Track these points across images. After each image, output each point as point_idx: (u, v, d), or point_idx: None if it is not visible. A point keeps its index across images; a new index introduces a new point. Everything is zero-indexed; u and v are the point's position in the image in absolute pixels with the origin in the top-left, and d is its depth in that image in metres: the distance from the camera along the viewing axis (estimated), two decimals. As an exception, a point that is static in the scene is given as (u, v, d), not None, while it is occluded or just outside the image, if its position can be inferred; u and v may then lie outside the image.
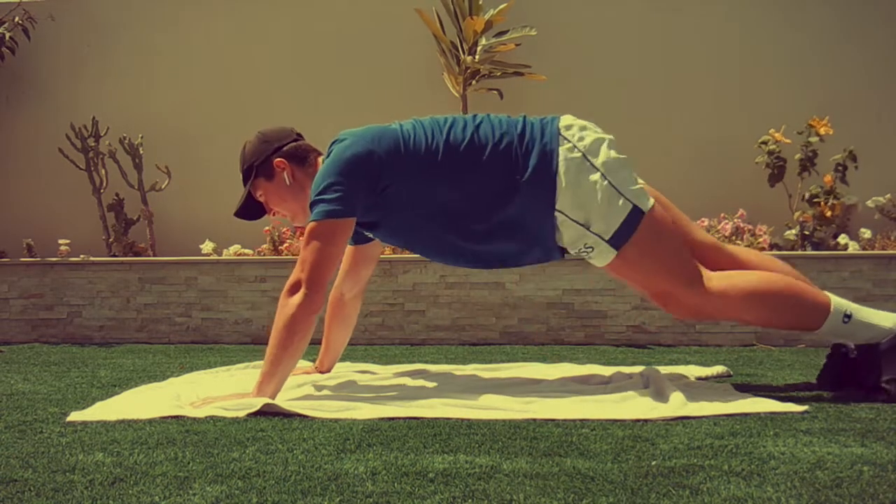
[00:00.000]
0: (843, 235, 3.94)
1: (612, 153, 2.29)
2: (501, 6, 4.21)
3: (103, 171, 4.59)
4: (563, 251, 2.34)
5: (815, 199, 4.02)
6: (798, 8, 4.38)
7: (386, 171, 2.23)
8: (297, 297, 2.16)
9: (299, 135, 2.48)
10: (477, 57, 4.20)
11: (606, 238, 2.23)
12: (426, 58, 4.50)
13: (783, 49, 4.39)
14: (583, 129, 2.31)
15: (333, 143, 2.33)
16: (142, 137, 4.60)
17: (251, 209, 2.50)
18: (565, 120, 2.32)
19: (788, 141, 4.10)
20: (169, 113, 4.79)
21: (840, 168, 4.04)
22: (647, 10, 4.49)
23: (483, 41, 4.24)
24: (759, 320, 2.29)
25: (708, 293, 2.23)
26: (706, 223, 4.03)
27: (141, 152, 4.57)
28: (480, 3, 4.22)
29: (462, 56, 4.23)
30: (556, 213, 2.23)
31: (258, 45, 4.77)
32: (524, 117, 2.34)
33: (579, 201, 2.21)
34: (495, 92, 4.34)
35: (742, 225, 4.01)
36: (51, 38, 4.86)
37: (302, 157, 2.43)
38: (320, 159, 2.43)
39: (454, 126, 2.29)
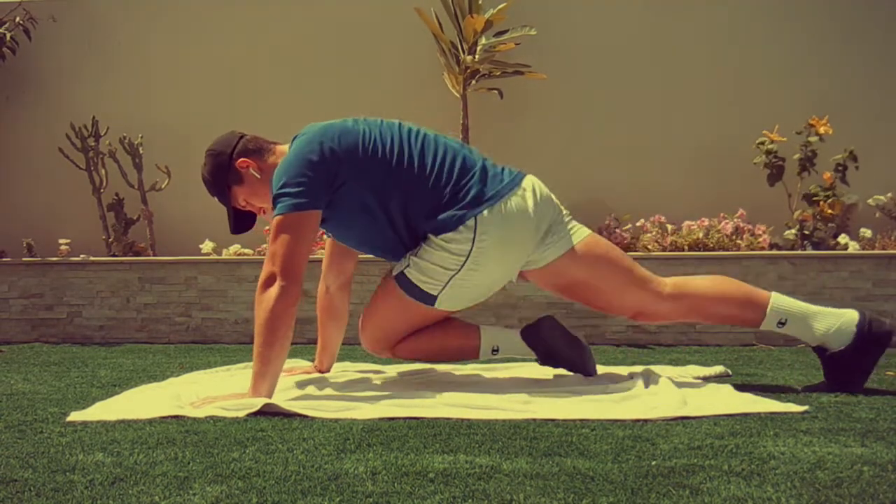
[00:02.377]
0: (843, 235, 3.94)
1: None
2: (501, 6, 4.21)
3: (103, 171, 4.59)
4: None
5: (815, 199, 4.02)
6: (798, 8, 4.38)
7: (343, 169, 2.26)
8: (274, 290, 2.15)
9: (241, 133, 2.48)
10: (477, 56, 4.20)
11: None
12: (426, 58, 4.50)
13: (783, 49, 4.39)
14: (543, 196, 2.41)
15: (296, 137, 2.35)
16: (142, 137, 4.60)
17: (242, 220, 2.51)
18: (527, 181, 2.40)
19: (784, 139, 4.10)
20: (169, 113, 4.79)
21: (840, 167, 4.04)
22: (647, 9, 4.49)
23: (483, 41, 4.24)
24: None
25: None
26: (706, 223, 4.03)
27: (141, 152, 4.57)
28: (480, 2, 4.22)
29: (462, 56, 4.23)
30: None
31: (258, 44, 4.77)
32: (492, 164, 2.42)
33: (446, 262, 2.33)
34: (495, 91, 4.34)
35: (742, 225, 4.01)
36: (51, 38, 4.86)
37: (257, 149, 2.43)
38: (278, 147, 2.44)
39: (414, 138, 2.35)
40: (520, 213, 2.32)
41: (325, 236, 2.62)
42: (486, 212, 2.29)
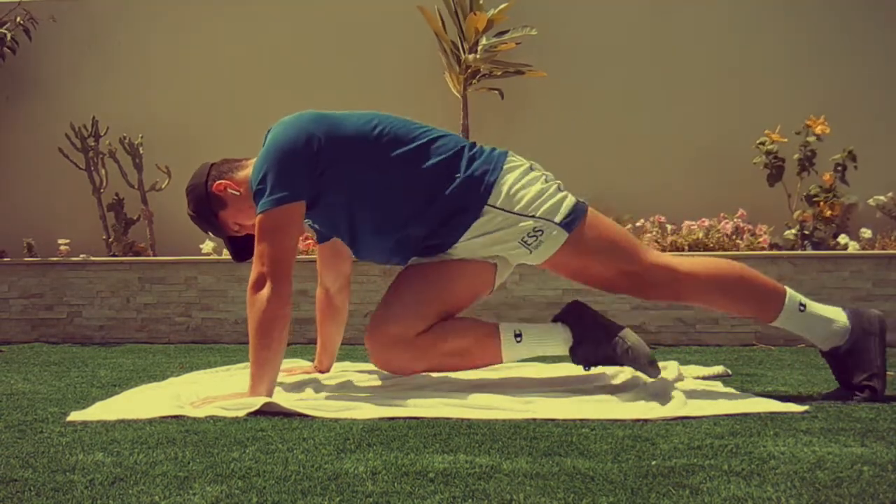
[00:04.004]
0: (843, 235, 3.94)
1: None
2: (502, 6, 4.21)
3: (103, 171, 4.59)
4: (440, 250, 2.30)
5: (815, 199, 4.02)
6: (798, 8, 4.38)
7: (323, 153, 2.20)
8: (265, 292, 2.13)
9: (210, 162, 2.44)
10: (478, 56, 4.20)
11: (557, 220, 2.22)
12: (427, 57, 4.50)
13: (783, 49, 4.39)
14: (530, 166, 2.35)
15: (269, 131, 2.30)
16: (142, 137, 4.60)
17: (243, 247, 2.44)
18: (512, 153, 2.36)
19: (785, 139, 4.10)
20: (169, 113, 4.79)
21: (840, 168, 4.04)
22: (648, 9, 4.49)
23: (483, 40, 4.24)
24: (721, 304, 2.32)
25: (676, 271, 2.25)
26: (706, 223, 4.03)
27: (141, 152, 4.57)
28: (481, 1, 4.22)
29: (463, 55, 4.23)
30: (487, 209, 2.22)
31: (258, 44, 4.76)
32: (474, 143, 2.37)
33: (523, 195, 2.23)
34: (496, 91, 4.34)
35: (742, 225, 4.01)
36: (51, 38, 4.86)
37: (228, 168, 2.38)
38: (250, 161, 2.38)
39: (400, 121, 2.29)
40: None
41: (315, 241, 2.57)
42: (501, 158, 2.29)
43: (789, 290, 2.25)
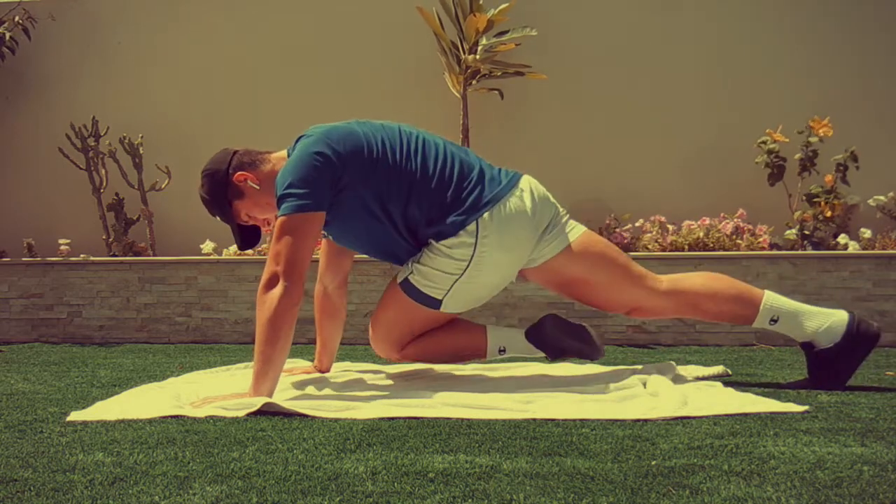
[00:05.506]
0: (843, 235, 3.94)
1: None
2: (502, 6, 4.20)
3: (103, 171, 4.59)
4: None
5: (815, 199, 4.02)
6: (799, 8, 4.38)
7: (346, 172, 2.27)
8: (277, 291, 2.16)
9: (234, 149, 2.48)
10: (478, 56, 4.20)
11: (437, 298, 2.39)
12: (427, 58, 4.50)
13: (784, 49, 4.39)
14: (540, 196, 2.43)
15: (300, 137, 2.35)
16: (142, 137, 4.60)
17: (249, 235, 2.52)
18: (524, 181, 2.42)
19: (786, 139, 4.10)
20: (169, 113, 4.79)
21: (841, 168, 4.04)
22: (648, 10, 4.49)
23: (483, 41, 4.24)
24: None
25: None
26: (707, 222, 4.03)
27: (141, 152, 4.57)
28: (481, 2, 4.22)
29: (463, 55, 4.23)
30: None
31: (258, 44, 4.77)
32: (488, 165, 2.44)
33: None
34: (496, 92, 4.34)
35: (742, 225, 4.01)
36: (51, 37, 4.86)
37: (251, 161, 2.42)
38: (272, 155, 2.44)
39: (414, 142, 2.36)
40: (519, 215, 2.33)
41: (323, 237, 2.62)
42: (486, 215, 2.30)
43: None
